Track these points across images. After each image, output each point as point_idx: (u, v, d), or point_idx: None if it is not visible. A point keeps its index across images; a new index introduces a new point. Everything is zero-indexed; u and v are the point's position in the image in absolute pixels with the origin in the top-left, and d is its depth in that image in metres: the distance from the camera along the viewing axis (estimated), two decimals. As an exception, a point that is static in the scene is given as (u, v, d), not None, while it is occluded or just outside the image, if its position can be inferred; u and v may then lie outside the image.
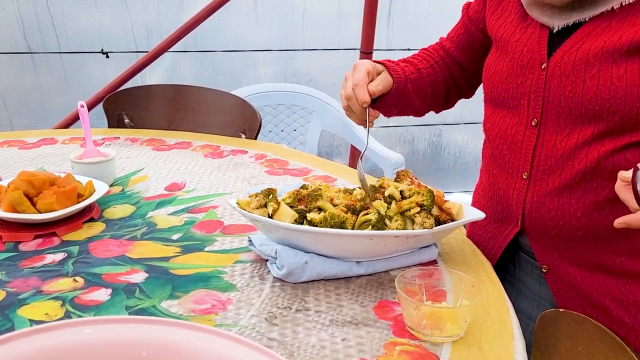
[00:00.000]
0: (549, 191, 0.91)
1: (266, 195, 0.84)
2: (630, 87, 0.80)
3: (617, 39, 0.81)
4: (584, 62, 0.84)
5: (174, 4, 2.45)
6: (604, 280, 0.89)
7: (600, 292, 0.90)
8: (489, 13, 1.04)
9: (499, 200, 1.00)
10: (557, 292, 0.95)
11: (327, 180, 1.20)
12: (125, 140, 1.50)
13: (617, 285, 0.88)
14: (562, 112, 0.87)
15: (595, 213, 0.87)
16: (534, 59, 0.91)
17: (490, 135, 1.01)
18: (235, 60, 2.58)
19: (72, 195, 0.97)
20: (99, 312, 0.72)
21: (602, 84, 0.82)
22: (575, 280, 0.92)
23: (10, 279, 0.80)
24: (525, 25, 0.94)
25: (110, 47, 2.46)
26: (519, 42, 0.93)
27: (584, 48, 0.84)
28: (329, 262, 0.80)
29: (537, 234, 0.94)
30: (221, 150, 1.41)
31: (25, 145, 1.45)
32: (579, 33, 0.86)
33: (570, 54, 0.85)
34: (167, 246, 0.91)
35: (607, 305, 0.89)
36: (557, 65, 0.87)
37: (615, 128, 0.83)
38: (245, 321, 0.71)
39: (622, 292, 0.88)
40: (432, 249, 0.87)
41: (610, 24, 0.83)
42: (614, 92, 0.81)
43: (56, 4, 2.38)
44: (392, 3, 2.57)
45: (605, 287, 0.89)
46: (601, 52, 0.82)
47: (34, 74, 2.47)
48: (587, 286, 0.91)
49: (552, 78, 0.88)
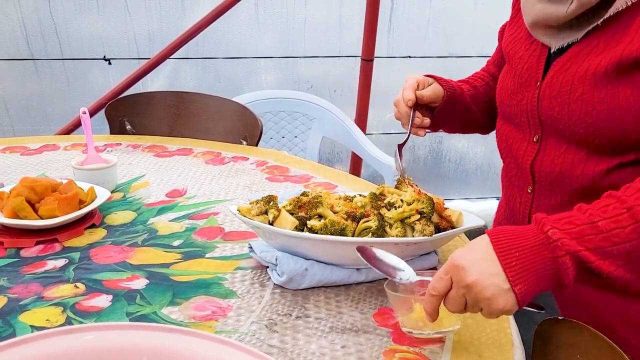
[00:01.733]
0: (552, 206, 0.91)
1: (267, 202, 0.85)
2: (611, 112, 0.80)
3: (599, 61, 0.80)
4: (569, 84, 0.84)
5: (176, 12, 2.46)
6: (609, 299, 0.89)
7: (605, 310, 0.89)
8: (507, 29, 1.06)
9: (510, 213, 1.02)
10: (563, 308, 0.95)
11: (327, 187, 1.20)
12: (126, 146, 1.50)
13: (622, 304, 0.88)
14: (557, 131, 0.88)
15: None
16: (531, 77, 0.92)
17: (500, 148, 1.03)
18: (236, 67, 2.59)
19: (73, 201, 0.98)
20: (99, 319, 0.73)
21: (584, 107, 0.82)
22: (580, 297, 0.91)
23: (11, 284, 0.81)
24: (530, 43, 0.95)
25: (113, 53, 2.47)
26: (522, 59, 0.95)
27: (571, 70, 0.85)
28: (329, 269, 0.81)
29: None
30: (222, 157, 1.42)
31: (27, 151, 1.45)
32: (569, 53, 0.86)
33: (559, 75, 0.86)
34: (167, 253, 0.91)
35: (612, 324, 0.88)
36: (547, 86, 0.88)
37: (605, 150, 0.83)
38: (245, 328, 0.72)
39: (627, 311, 0.88)
40: (432, 256, 0.87)
41: (598, 43, 0.83)
42: (596, 116, 0.81)
43: (59, 11, 2.39)
44: (393, 10, 2.58)
45: (611, 306, 0.89)
46: (585, 75, 0.82)
47: (36, 81, 2.48)
48: (593, 303, 0.90)
49: (544, 98, 0.89)
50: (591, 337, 0.64)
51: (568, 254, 0.65)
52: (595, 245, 0.66)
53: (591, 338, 0.64)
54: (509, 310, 0.65)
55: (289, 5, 2.53)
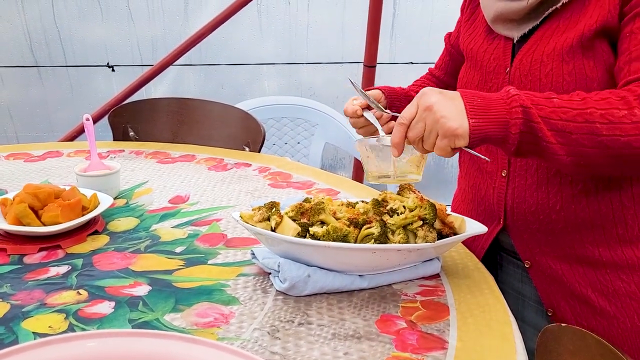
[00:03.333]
0: (528, 186, 0.96)
1: (269, 208, 0.85)
2: (579, 82, 0.87)
3: (565, 39, 0.89)
4: (539, 62, 0.91)
5: (179, 18, 2.48)
6: (584, 272, 0.94)
7: (581, 283, 0.94)
8: (462, 32, 1.13)
9: (480, 201, 1.06)
10: (540, 287, 0.99)
11: (330, 193, 1.20)
12: (129, 153, 1.51)
13: (596, 275, 0.93)
14: None
15: (573, 205, 0.92)
16: (500, 65, 0.98)
17: None
18: (239, 73, 2.60)
19: (76, 208, 0.98)
20: (102, 325, 0.73)
21: (555, 80, 0.89)
22: (556, 273, 0.96)
23: (14, 291, 0.81)
24: (492, 38, 1.02)
25: (116, 60, 2.49)
26: (487, 52, 1.01)
27: (538, 50, 0.92)
28: (331, 276, 0.81)
29: (519, 229, 0.99)
30: (225, 163, 1.42)
31: (30, 158, 1.46)
32: (534, 38, 0.94)
33: (527, 56, 0.93)
34: (170, 259, 0.91)
35: (588, 296, 0.93)
36: (517, 68, 0.94)
37: None
38: (247, 334, 0.72)
39: (601, 282, 0.93)
40: (435, 262, 0.87)
41: (559, 25, 0.91)
42: (566, 87, 0.87)
43: (63, 18, 2.41)
44: (395, 17, 2.59)
45: (586, 278, 0.94)
46: (552, 52, 0.89)
47: (40, 87, 2.50)
48: (569, 278, 0.95)
49: (514, 79, 0.95)
50: (595, 344, 0.64)
51: (521, 107, 0.76)
52: (545, 113, 0.76)
53: (595, 345, 0.64)
54: (460, 135, 0.76)
55: (292, 12, 2.54)
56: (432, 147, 0.80)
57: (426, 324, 0.74)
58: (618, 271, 0.91)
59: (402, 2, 2.59)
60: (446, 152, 0.79)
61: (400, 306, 0.78)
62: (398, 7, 2.58)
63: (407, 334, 0.72)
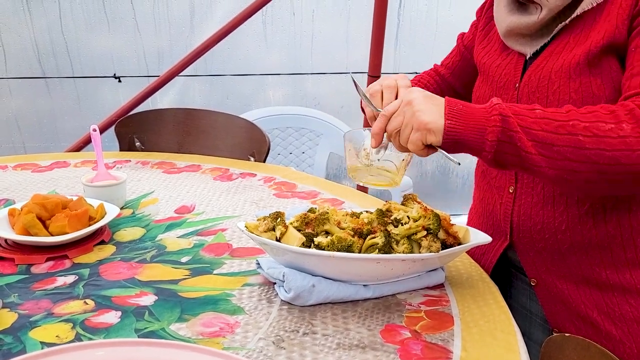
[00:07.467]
0: (534, 204, 0.95)
1: (274, 218, 0.85)
2: (585, 100, 0.86)
3: (573, 56, 0.88)
4: (546, 79, 0.90)
5: (185, 30, 2.50)
6: (590, 293, 0.92)
7: (587, 304, 0.92)
8: (476, 42, 1.11)
9: (489, 216, 1.05)
10: (546, 306, 0.98)
11: (334, 203, 1.21)
12: (136, 163, 1.52)
13: (603, 298, 0.91)
14: None
15: (579, 226, 0.90)
16: (510, 81, 0.98)
17: None
18: (244, 83, 2.62)
19: (83, 218, 0.99)
20: (108, 335, 0.73)
21: (562, 97, 0.88)
22: (562, 293, 0.94)
23: (22, 301, 0.82)
24: (506, 54, 1.01)
25: (123, 71, 2.51)
26: (499, 67, 1.01)
27: (547, 67, 0.91)
28: (336, 286, 0.81)
29: (525, 247, 0.98)
30: (230, 173, 1.43)
31: (38, 168, 1.47)
32: (544, 54, 0.93)
33: (536, 73, 0.92)
34: (176, 269, 0.92)
35: (594, 319, 0.91)
36: (525, 84, 0.94)
37: None
38: (252, 344, 0.72)
39: (608, 304, 0.90)
40: (439, 272, 0.87)
41: (569, 41, 0.90)
42: (573, 104, 0.85)
43: (70, 30, 2.44)
44: (399, 27, 2.60)
45: (592, 300, 0.92)
46: (560, 70, 0.89)
47: (47, 98, 2.52)
48: (575, 299, 0.93)
49: (522, 96, 0.94)
50: (598, 354, 0.64)
51: (500, 115, 0.77)
52: (526, 124, 0.76)
53: (598, 355, 0.64)
54: (432, 130, 0.78)
55: (297, 23, 2.56)
56: (406, 141, 0.81)
57: (430, 333, 0.74)
58: (626, 295, 0.89)
59: (406, 12, 2.61)
60: (417, 146, 0.80)
61: (404, 316, 0.78)
62: (402, 17, 2.59)
63: (412, 343, 0.72)
